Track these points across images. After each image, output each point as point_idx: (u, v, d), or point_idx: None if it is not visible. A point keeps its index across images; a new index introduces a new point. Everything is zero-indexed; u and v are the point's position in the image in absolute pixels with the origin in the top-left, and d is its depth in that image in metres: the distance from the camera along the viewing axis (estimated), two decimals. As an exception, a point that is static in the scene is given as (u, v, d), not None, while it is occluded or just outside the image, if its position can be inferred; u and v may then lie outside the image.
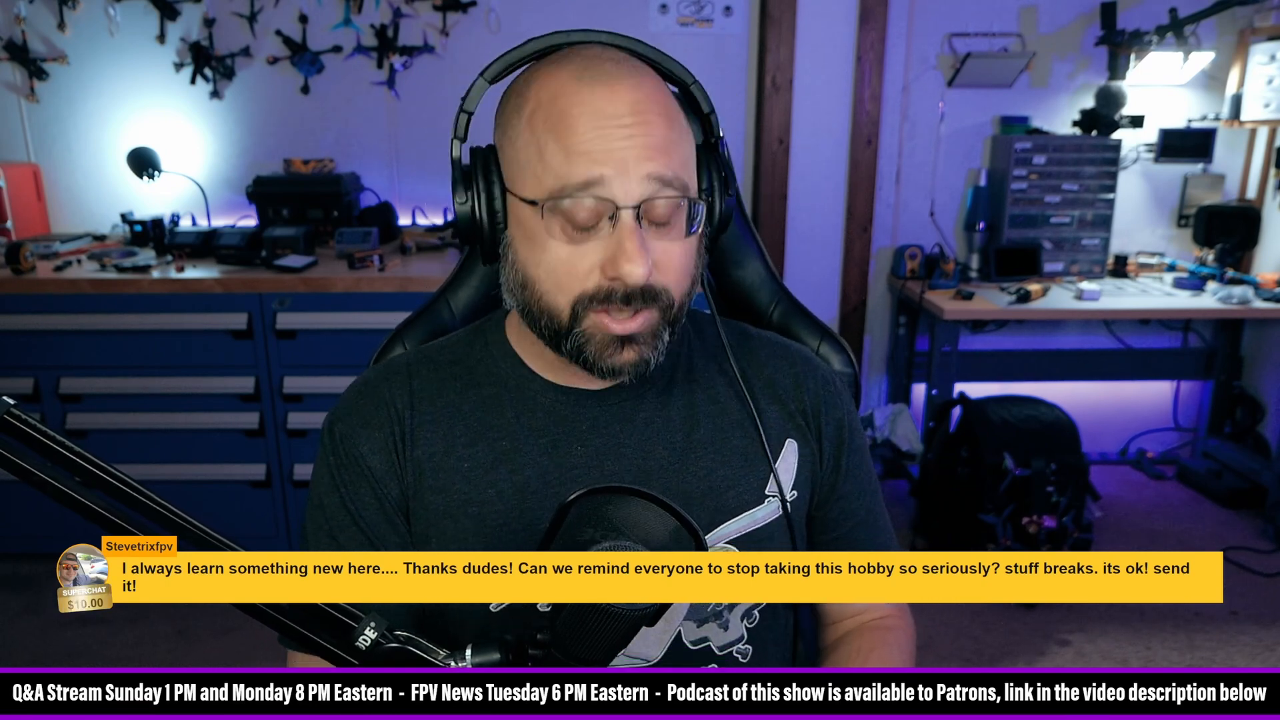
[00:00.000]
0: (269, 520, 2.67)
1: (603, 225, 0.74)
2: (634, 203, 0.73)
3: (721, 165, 0.82)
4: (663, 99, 0.77)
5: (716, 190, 0.81)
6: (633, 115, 0.74)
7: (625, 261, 0.73)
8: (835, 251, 3.18)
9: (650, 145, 0.74)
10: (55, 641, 2.37)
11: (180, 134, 2.98)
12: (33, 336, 2.52)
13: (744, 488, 0.87)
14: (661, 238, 0.76)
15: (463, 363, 0.89)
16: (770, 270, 1.08)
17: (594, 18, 2.92)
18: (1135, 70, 2.99)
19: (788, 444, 0.89)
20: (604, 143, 0.73)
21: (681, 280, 0.79)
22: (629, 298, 0.75)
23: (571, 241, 0.75)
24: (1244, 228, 3.10)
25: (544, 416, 0.85)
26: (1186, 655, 2.35)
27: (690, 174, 0.78)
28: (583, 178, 0.73)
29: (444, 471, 0.83)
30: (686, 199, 0.76)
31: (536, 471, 0.83)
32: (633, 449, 0.85)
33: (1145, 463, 3.43)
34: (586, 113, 0.73)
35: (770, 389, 0.90)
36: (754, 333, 0.95)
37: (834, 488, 0.92)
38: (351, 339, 2.52)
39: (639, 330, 0.77)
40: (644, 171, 0.73)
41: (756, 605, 0.89)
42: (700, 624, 0.86)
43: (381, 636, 0.60)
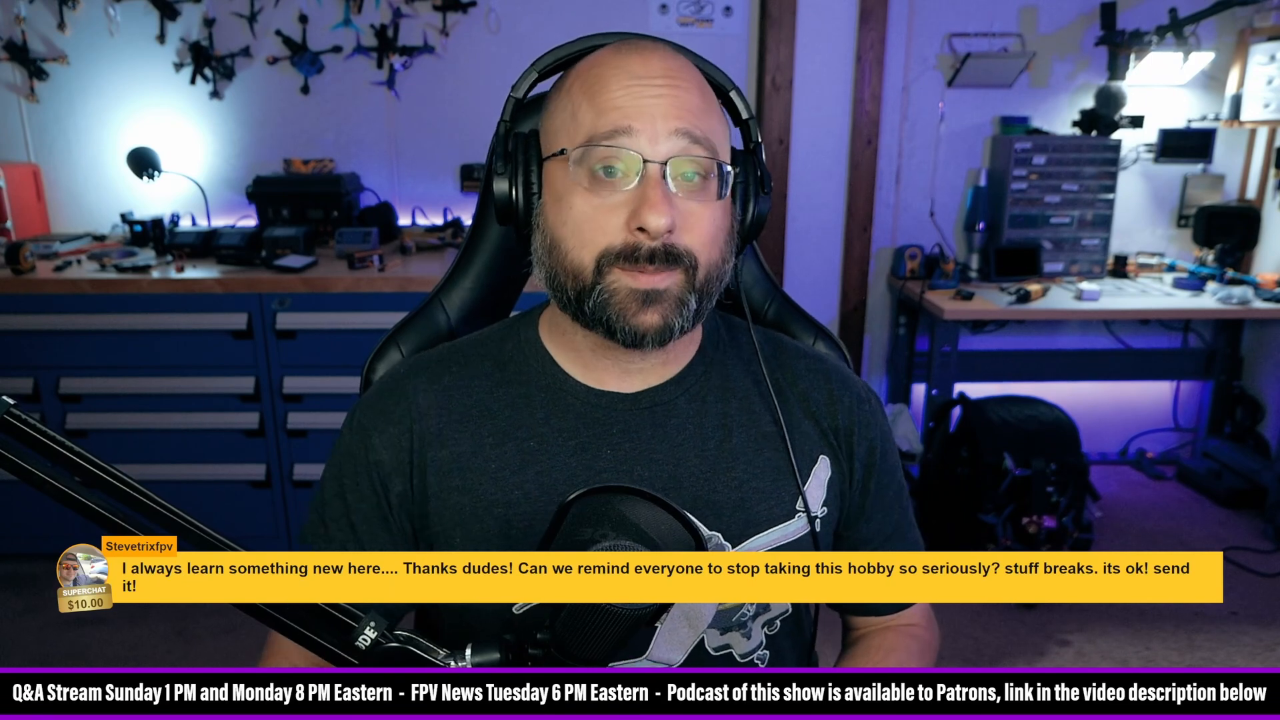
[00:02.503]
0: (269, 520, 2.67)
1: (630, 180, 0.75)
2: (661, 158, 0.74)
3: (759, 167, 0.83)
4: (697, 75, 0.79)
5: (752, 190, 0.82)
6: (664, 77, 0.76)
7: (648, 210, 0.73)
8: (835, 251, 3.18)
9: (680, 104, 0.75)
10: (55, 641, 2.37)
11: (180, 134, 2.98)
12: (33, 336, 2.52)
13: (775, 500, 0.85)
14: (689, 198, 0.76)
15: (494, 359, 0.88)
16: (764, 269, 1.08)
17: (594, 18, 2.93)
18: (1135, 70, 2.99)
19: (820, 460, 0.88)
20: (634, 99, 0.75)
21: (708, 246, 0.77)
22: (653, 255, 0.74)
23: (598, 195, 0.75)
24: (1244, 228, 3.10)
25: (574, 418, 0.84)
26: (1186, 655, 2.35)
27: (723, 145, 0.79)
28: (611, 127, 0.74)
29: (471, 471, 0.83)
30: (717, 162, 0.77)
31: (564, 474, 0.82)
32: (664, 455, 0.84)
33: (1145, 463, 3.43)
34: (620, 74, 0.76)
35: (805, 403, 0.89)
36: (789, 345, 0.94)
37: (862, 508, 0.91)
38: (351, 339, 2.52)
39: (663, 287, 0.76)
40: (672, 127, 0.74)
41: (779, 614, 0.88)
42: (724, 632, 0.86)
43: (381, 636, 0.60)
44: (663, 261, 0.74)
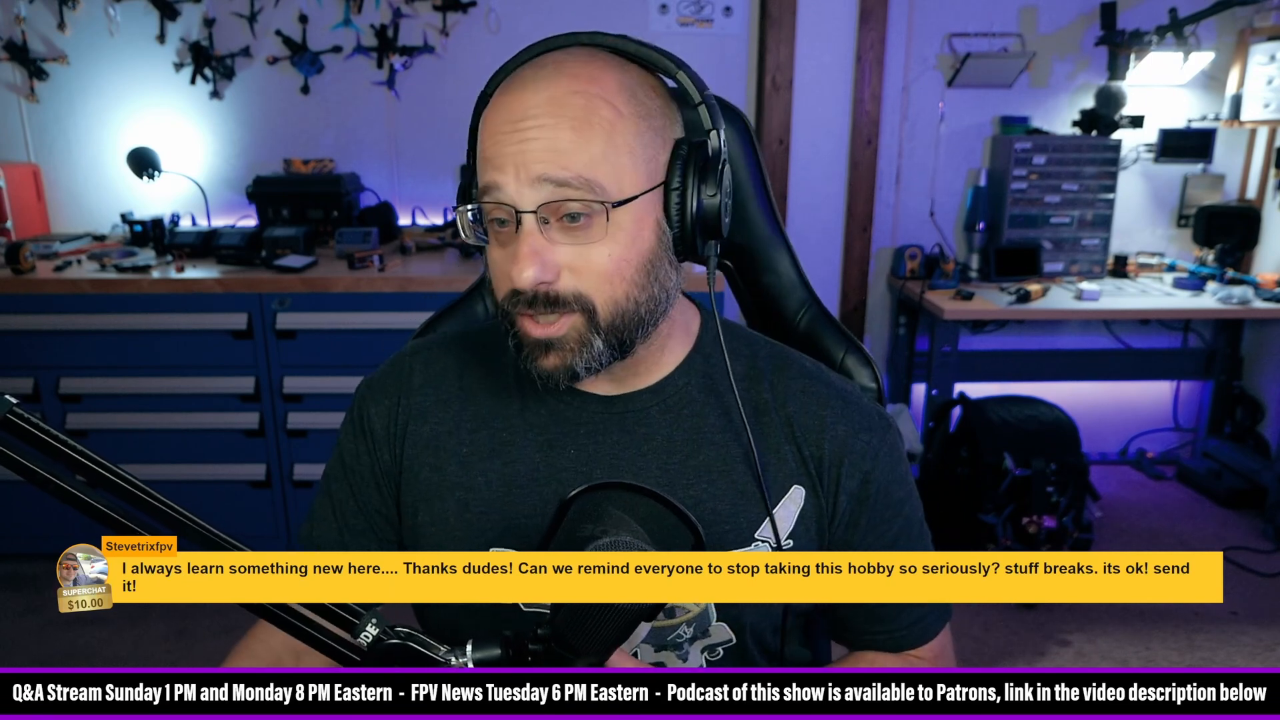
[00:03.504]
0: (269, 520, 2.67)
1: (514, 229, 0.74)
2: (530, 206, 0.73)
3: (704, 160, 0.76)
4: (576, 99, 0.73)
5: (691, 189, 0.76)
6: (532, 119, 0.72)
7: (513, 265, 0.73)
8: (835, 251, 3.18)
9: (545, 148, 0.72)
10: (55, 641, 2.37)
11: (180, 134, 2.98)
12: (33, 336, 2.52)
13: (730, 525, 0.82)
14: (575, 240, 0.74)
15: (491, 348, 0.90)
16: (801, 275, 1.05)
17: (594, 18, 2.93)
18: (1135, 70, 2.99)
19: (793, 490, 0.83)
20: (501, 148, 0.74)
21: (604, 285, 0.74)
22: (532, 301, 0.74)
23: (500, 244, 0.76)
24: (1244, 228, 3.10)
25: (546, 414, 0.85)
26: (1186, 655, 2.35)
27: (613, 173, 0.73)
28: (484, 182, 0.75)
29: (444, 452, 0.86)
30: (597, 201, 0.72)
31: (527, 467, 0.84)
32: (627, 462, 0.83)
33: (1145, 463, 3.43)
34: (497, 118, 0.75)
35: (788, 427, 0.84)
36: (795, 363, 0.88)
37: (848, 544, 0.85)
38: (351, 339, 2.52)
39: (556, 335, 0.75)
40: (535, 174, 0.72)
41: (721, 642, 0.85)
42: (657, 649, 0.84)
43: (383, 633, 0.60)
44: (546, 307, 0.74)
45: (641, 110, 0.75)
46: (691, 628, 0.84)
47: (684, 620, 0.84)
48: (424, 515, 0.85)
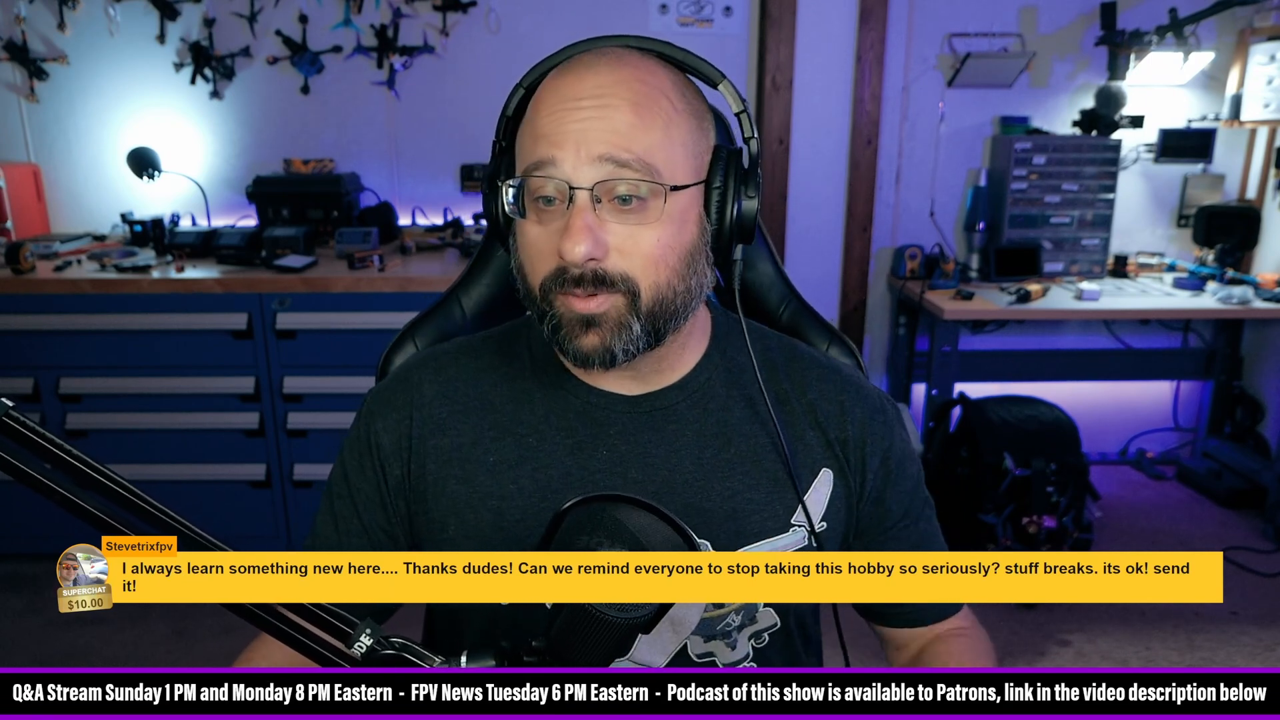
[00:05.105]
0: (269, 520, 2.67)
1: (564, 206, 0.74)
2: (587, 184, 0.73)
3: (742, 165, 0.79)
4: (638, 86, 0.75)
5: (730, 190, 0.78)
6: (593, 99, 0.74)
7: (565, 239, 0.73)
8: (835, 251, 3.18)
9: (606, 127, 0.73)
10: (55, 641, 2.37)
11: (180, 134, 2.98)
12: (33, 336, 2.52)
13: (768, 513, 0.84)
14: (626, 222, 0.74)
15: (503, 354, 0.89)
16: (780, 272, 1.08)
17: (594, 18, 2.93)
18: (1135, 70, 2.99)
19: (822, 474, 0.86)
20: (558, 125, 0.74)
21: (650, 269, 0.76)
22: (579, 280, 0.74)
23: (540, 222, 0.76)
24: (1244, 228, 3.10)
25: (574, 416, 0.85)
26: (1186, 655, 2.35)
27: (668, 161, 0.75)
28: (538, 158, 0.74)
29: (470, 463, 0.84)
30: (657, 182, 0.74)
31: (560, 471, 0.83)
32: (660, 460, 0.84)
33: (1145, 463, 3.43)
34: (553, 97, 0.75)
35: (811, 414, 0.87)
36: (804, 353, 0.92)
37: (880, 522, 0.89)
38: (351, 339, 2.52)
39: (599, 312, 0.75)
40: (596, 153, 0.73)
41: (767, 627, 0.87)
42: (707, 639, 0.85)
43: (377, 643, 0.60)
44: (591, 285, 0.74)
45: (691, 109, 0.79)
46: (740, 615, 0.86)
47: (732, 609, 0.85)
48: (455, 529, 0.84)
